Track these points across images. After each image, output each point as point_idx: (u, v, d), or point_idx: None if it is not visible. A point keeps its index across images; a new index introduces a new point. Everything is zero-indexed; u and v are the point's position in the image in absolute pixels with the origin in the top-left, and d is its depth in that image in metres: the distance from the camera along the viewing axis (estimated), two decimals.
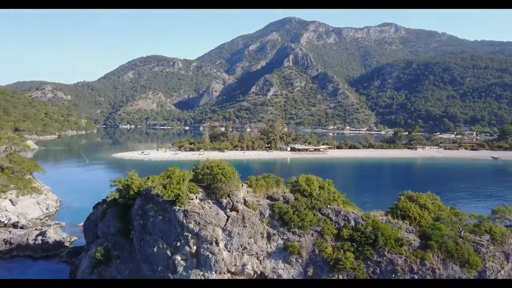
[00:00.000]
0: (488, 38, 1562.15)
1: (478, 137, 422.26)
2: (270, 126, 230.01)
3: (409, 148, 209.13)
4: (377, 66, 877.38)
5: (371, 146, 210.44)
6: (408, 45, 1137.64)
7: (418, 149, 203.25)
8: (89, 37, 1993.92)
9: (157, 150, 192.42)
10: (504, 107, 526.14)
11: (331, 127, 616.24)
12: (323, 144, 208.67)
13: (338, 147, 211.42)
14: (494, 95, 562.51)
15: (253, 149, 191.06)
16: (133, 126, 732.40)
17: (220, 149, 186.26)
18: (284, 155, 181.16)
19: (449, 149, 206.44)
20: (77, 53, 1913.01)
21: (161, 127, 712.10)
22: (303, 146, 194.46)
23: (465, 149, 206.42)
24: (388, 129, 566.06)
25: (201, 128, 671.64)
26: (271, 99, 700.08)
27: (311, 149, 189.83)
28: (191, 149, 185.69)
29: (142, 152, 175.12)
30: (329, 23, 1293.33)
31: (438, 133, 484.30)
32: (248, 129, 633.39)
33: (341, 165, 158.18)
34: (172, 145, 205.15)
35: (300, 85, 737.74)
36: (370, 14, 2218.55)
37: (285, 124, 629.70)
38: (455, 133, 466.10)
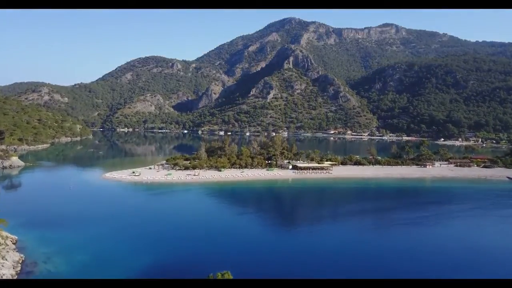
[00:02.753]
0: (489, 39, 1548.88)
1: (484, 145, 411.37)
2: (271, 140, 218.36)
3: (417, 164, 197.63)
4: (378, 67, 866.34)
5: (377, 162, 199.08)
6: (409, 46, 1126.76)
7: (427, 166, 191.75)
8: (88, 37, 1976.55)
9: (150, 168, 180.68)
10: (509, 112, 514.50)
11: (332, 132, 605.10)
12: (326, 160, 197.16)
13: (342, 163, 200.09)
14: (498, 99, 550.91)
15: (252, 166, 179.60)
16: (130, 130, 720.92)
17: (217, 167, 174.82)
18: (285, 174, 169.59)
19: (460, 165, 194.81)
20: (75, 53, 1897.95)
21: (159, 131, 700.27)
22: (305, 164, 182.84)
23: (477, 165, 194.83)
24: (391, 134, 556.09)
25: (199, 132, 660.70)
26: (271, 102, 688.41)
27: (314, 167, 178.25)
28: (186, 167, 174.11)
29: (133, 172, 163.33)
30: (329, 23, 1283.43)
31: (442, 139, 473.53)
32: (248, 133, 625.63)
33: (347, 189, 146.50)
34: (167, 161, 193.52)
35: (300, 88, 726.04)
36: (370, 15, 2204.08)
37: (285, 131, 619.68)
38: (460, 139, 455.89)
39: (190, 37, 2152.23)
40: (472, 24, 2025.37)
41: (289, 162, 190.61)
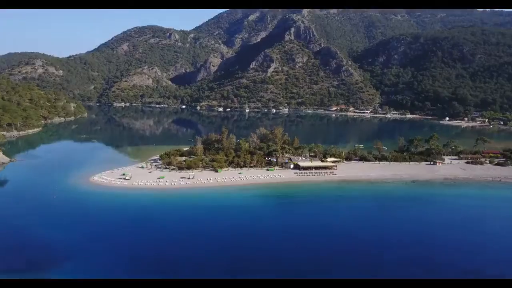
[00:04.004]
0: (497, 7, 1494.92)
1: (491, 126, 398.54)
2: (271, 132, 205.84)
3: (426, 161, 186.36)
4: (382, 39, 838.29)
5: (383, 158, 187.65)
6: (414, 15, 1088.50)
7: (437, 163, 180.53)
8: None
9: (142, 167, 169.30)
10: None
11: (334, 108, 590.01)
12: (330, 156, 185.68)
13: (347, 158, 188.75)
14: (506, 75, 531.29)
15: (251, 165, 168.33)
16: (127, 104, 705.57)
17: (213, 167, 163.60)
18: (286, 176, 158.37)
19: (472, 163, 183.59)
20: (70, 22, 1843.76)
21: (157, 106, 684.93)
22: (308, 163, 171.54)
23: (490, 163, 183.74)
24: (394, 112, 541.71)
25: (198, 108, 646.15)
26: (272, 76, 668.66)
27: (317, 167, 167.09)
28: (180, 167, 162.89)
29: (123, 175, 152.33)
30: None
31: (447, 119, 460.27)
32: (247, 110, 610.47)
33: (351, 196, 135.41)
34: (160, 157, 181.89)
35: (302, 61, 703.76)
36: None
37: (286, 107, 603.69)
38: (466, 119, 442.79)
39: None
40: None
41: (290, 159, 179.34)
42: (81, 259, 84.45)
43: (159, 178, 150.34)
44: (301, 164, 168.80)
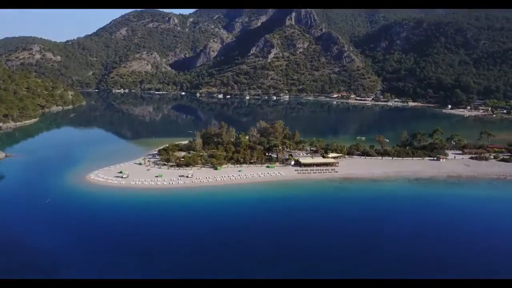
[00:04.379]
0: None
1: (494, 115, 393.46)
2: (271, 126, 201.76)
3: (430, 156, 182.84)
4: (384, 23, 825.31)
5: (386, 153, 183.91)
6: None
7: (441, 159, 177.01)
8: None
9: (140, 164, 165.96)
10: None
11: (335, 95, 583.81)
12: (332, 151, 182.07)
13: (349, 154, 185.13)
14: (510, 62, 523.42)
15: (251, 162, 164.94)
16: (126, 91, 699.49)
17: (212, 164, 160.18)
18: (287, 174, 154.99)
19: (476, 158, 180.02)
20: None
21: (157, 92, 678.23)
22: (309, 160, 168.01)
23: (494, 158, 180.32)
24: (396, 99, 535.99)
25: (197, 95, 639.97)
26: (272, 62, 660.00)
27: (319, 164, 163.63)
28: (179, 164, 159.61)
29: (121, 173, 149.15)
30: None
31: (449, 107, 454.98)
32: (247, 97, 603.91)
33: (353, 198, 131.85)
34: (158, 152, 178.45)
35: (302, 47, 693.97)
36: None
37: (287, 94, 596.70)
38: (468, 108, 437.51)
39: None
40: None
41: (290, 155, 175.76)
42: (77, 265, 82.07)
43: (157, 176, 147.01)
44: (302, 160, 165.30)
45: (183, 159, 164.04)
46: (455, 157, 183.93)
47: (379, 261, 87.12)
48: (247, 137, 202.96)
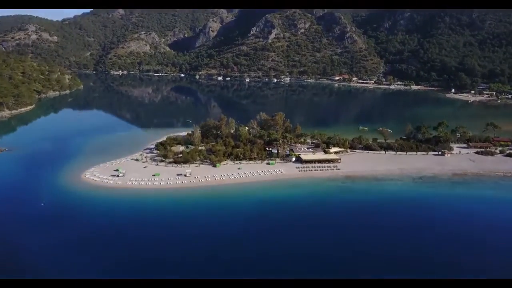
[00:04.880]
0: None
1: (499, 101, 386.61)
2: (272, 118, 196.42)
3: (434, 150, 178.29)
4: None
5: (389, 147, 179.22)
6: None
7: (446, 154, 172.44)
8: None
9: (137, 160, 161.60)
10: None
11: (336, 78, 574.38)
12: (334, 145, 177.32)
13: (351, 148, 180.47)
14: None
15: (250, 157, 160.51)
16: (125, 72, 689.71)
17: (211, 160, 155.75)
18: (288, 171, 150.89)
19: (482, 153, 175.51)
20: None
21: (156, 74, 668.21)
22: (310, 156, 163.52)
23: (500, 153, 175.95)
24: (398, 83, 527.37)
25: (197, 76, 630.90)
26: (273, 43, 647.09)
27: (320, 160, 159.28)
28: (177, 162, 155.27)
29: (117, 170, 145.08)
30: None
31: (453, 91, 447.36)
32: (248, 79, 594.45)
33: (356, 200, 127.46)
34: (156, 148, 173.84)
35: (304, 27, 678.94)
36: None
37: (288, 77, 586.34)
38: (472, 92, 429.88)
39: None
40: None
41: (291, 150, 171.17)
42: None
43: (154, 175, 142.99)
44: (304, 157, 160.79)
45: (181, 156, 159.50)
46: (460, 151, 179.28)
47: (381, 267, 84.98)
48: (247, 128, 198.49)
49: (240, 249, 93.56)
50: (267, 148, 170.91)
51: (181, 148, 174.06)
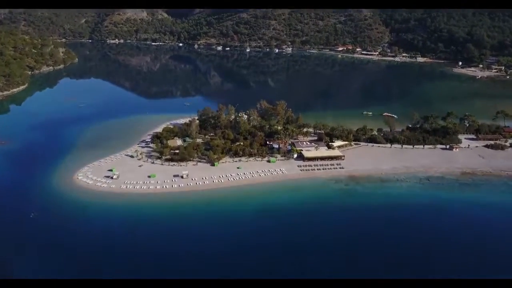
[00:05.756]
0: None
1: (508, 77, 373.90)
2: (273, 108, 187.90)
3: (441, 143, 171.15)
4: None
5: (395, 139, 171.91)
6: None
7: (454, 148, 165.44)
8: None
9: (132, 156, 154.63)
10: None
11: (340, 48, 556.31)
12: (337, 138, 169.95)
13: (355, 140, 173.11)
14: None
15: (250, 154, 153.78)
16: (121, 41, 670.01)
17: (209, 157, 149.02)
18: (289, 171, 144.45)
19: (491, 146, 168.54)
20: None
21: (153, 43, 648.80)
22: (312, 152, 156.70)
23: (511, 146, 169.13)
24: (404, 54, 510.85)
25: (195, 46, 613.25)
26: (274, 10, 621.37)
27: (323, 157, 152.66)
28: (173, 159, 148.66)
29: (111, 171, 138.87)
30: None
31: (460, 64, 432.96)
32: (248, 49, 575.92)
33: (359, 207, 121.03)
34: (152, 141, 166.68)
35: None
36: None
37: (290, 47, 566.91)
38: (480, 66, 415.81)
39: None
40: None
41: (293, 145, 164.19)
42: None
43: (149, 176, 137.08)
44: (306, 154, 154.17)
45: (177, 152, 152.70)
46: (469, 145, 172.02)
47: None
48: (246, 116, 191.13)
49: (235, 269, 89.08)
50: (267, 143, 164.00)
51: (178, 142, 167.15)
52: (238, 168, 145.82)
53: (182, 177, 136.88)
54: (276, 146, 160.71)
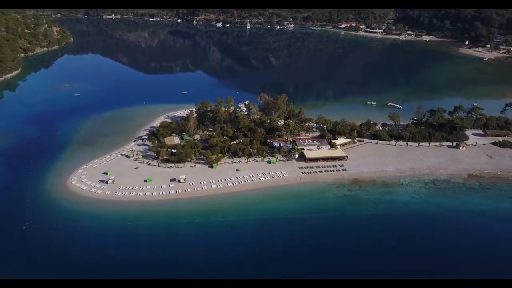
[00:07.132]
0: None
1: None
2: (273, 102, 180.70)
3: (448, 140, 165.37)
4: None
5: (400, 136, 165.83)
6: None
7: (460, 147, 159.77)
8: None
9: (127, 156, 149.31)
10: None
11: (343, 25, 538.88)
12: (340, 136, 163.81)
13: (359, 137, 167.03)
14: None
15: (250, 154, 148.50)
16: (118, 16, 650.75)
17: (207, 158, 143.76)
18: (290, 173, 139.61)
19: (500, 144, 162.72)
20: None
21: (151, 19, 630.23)
22: (314, 152, 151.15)
23: None
24: (409, 32, 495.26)
25: (194, 22, 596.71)
26: None
27: (325, 158, 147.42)
28: (170, 161, 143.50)
29: (106, 174, 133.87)
30: None
31: (467, 43, 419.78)
32: (248, 26, 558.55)
33: (361, 217, 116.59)
34: (149, 141, 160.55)
35: None
36: None
37: (291, 23, 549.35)
38: (488, 46, 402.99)
39: None
40: None
41: (294, 142, 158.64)
42: None
43: (145, 181, 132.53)
44: (307, 154, 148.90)
45: (175, 152, 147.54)
46: (476, 143, 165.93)
47: None
48: (245, 109, 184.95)
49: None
50: (268, 141, 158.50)
51: (176, 139, 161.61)
52: (237, 170, 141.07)
53: (179, 181, 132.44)
54: (276, 144, 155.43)
